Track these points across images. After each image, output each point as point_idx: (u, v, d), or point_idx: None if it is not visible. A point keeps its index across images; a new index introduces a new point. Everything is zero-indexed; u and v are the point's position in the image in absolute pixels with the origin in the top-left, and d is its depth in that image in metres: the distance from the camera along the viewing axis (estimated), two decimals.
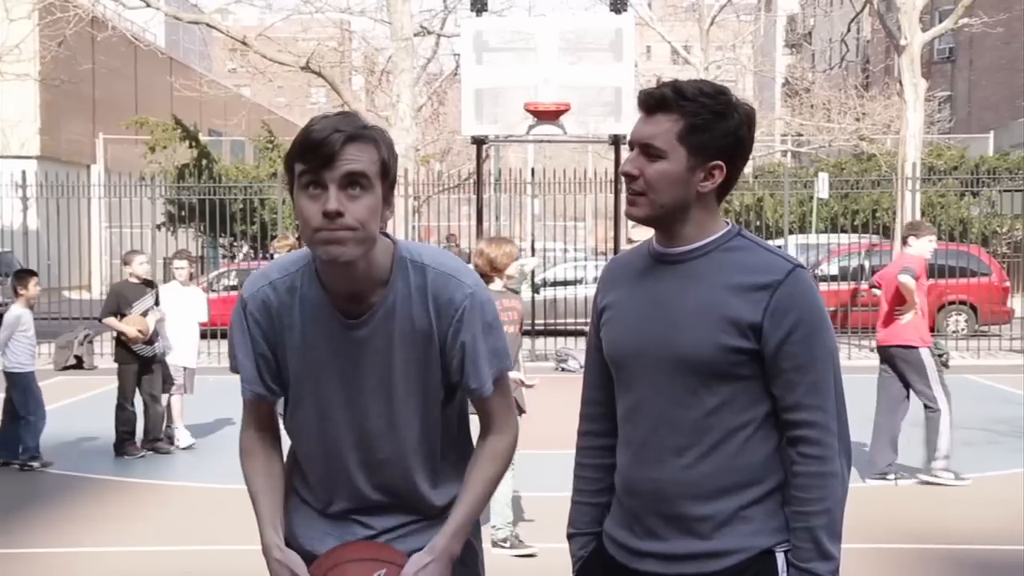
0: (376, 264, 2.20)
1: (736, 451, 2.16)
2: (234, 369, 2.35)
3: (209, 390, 10.76)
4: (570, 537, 2.45)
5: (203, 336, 16.20)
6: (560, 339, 16.34)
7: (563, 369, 14.28)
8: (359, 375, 2.27)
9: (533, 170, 17.06)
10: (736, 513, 2.16)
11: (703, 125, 2.14)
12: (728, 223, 2.26)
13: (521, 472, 6.83)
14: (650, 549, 2.22)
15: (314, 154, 2.08)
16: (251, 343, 2.30)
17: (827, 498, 2.12)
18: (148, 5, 19.07)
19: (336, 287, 2.21)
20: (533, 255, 17.37)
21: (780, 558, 2.15)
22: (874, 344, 8.28)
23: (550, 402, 8.31)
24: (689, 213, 2.20)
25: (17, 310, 8.46)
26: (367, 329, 2.23)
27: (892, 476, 7.64)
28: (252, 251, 21.89)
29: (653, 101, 2.18)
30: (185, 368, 9.33)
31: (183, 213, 22.24)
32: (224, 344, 15.33)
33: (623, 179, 2.22)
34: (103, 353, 15.46)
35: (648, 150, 2.17)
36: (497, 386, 2.32)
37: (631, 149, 2.22)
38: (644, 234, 2.53)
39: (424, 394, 2.29)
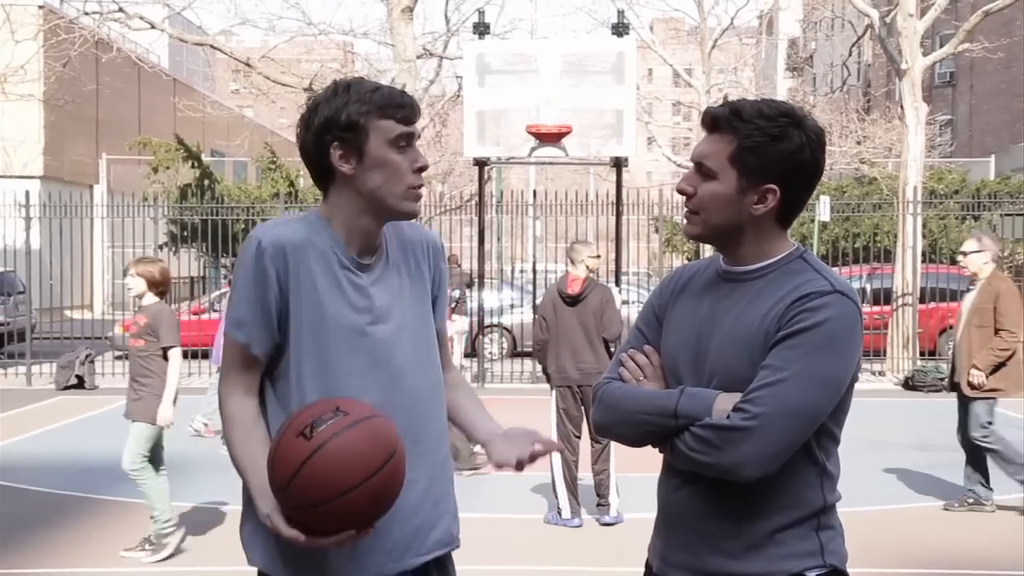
0: None
1: (774, 474, 2.09)
2: (233, 326, 2.26)
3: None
4: None
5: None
6: None
7: None
8: (385, 314, 2.33)
9: (535, 192, 17.07)
10: (767, 536, 2.12)
11: (755, 148, 2.12)
12: (795, 244, 2.22)
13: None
14: (682, 562, 2.21)
15: (405, 112, 2.26)
16: (264, 283, 2.23)
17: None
18: (153, 27, 19.16)
19: (365, 236, 2.31)
20: (535, 275, 17.21)
21: None
22: (877, 368, 8.25)
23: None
24: (744, 235, 2.18)
25: None
26: (383, 264, 2.35)
27: None
28: None
29: (710, 120, 2.18)
30: None
31: (185, 233, 22.26)
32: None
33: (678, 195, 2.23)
34: (104, 373, 15.46)
35: (701, 168, 2.18)
36: None
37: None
38: None
39: (429, 339, 2.42)
